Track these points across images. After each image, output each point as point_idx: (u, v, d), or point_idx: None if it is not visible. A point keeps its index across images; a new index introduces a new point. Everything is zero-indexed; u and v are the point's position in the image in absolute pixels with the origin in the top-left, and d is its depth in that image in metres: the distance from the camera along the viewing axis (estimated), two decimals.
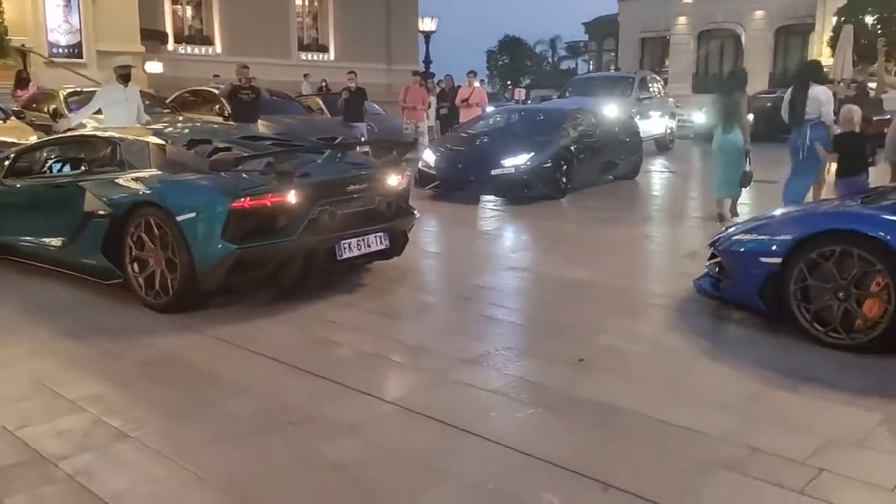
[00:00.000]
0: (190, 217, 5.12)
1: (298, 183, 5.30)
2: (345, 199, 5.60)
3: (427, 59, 30.19)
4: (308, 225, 5.32)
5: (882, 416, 3.70)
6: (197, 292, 5.28)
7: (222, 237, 5.08)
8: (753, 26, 34.83)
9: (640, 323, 5.23)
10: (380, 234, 5.79)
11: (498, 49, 70.82)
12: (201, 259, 5.12)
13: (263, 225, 5.22)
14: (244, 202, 5.10)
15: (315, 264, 5.49)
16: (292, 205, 5.23)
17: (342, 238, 5.53)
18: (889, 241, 4.38)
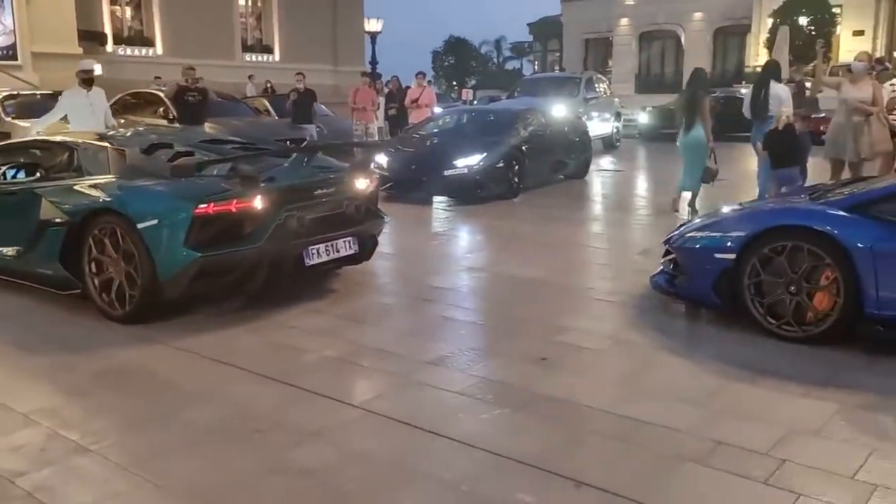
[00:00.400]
0: (151, 224, 4.95)
1: (264, 188, 5.17)
2: (312, 204, 5.46)
3: (373, 60, 30.09)
4: (274, 231, 5.18)
5: (837, 406, 3.81)
6: (159, 302, 5.12)
7: (185, 245, 4.92)
8: (693, 27, 35.60)
9: (598, 320, 5.29)
10: (349, 239, 5.68)
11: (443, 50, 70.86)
12: (164, 268, 4.96)
13: (228, 231, 5.08)
14: (208, 208, 4.95)
15: (282, 271, 5.36)
16: (258, 210, 5.10)
17: (310, 244, 5.41)
18: (837, 235, 4.52)
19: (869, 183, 5.33)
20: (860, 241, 4.42)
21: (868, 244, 4.39)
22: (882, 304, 4.38)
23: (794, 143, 8.15)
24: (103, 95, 9.38)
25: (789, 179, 8.00)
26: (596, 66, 38.20)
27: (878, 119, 8.45)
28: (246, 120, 14.79)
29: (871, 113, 8.37)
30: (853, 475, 3.15)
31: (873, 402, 3.86)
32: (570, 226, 9.14)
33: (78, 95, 8.99)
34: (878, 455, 3.31)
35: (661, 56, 37.65)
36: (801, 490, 3.03)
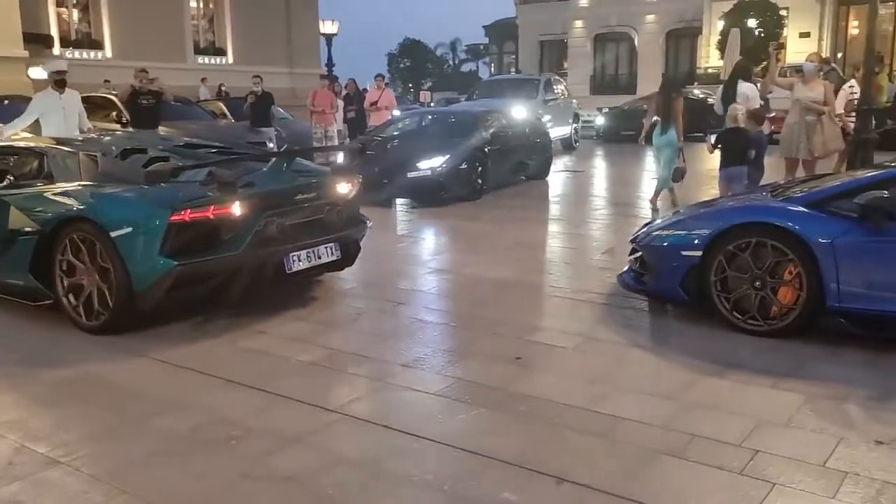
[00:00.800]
0: (125, 232, 4.80)
1: (242, 193, 5.04)
2: (292, 210, 5.34)
3: (329, 63, 29.97)
4: (254, 238, 5.05)
5: (804, 397, 3.91)
6: (134, 312, 4.97)
7: (161, 253, 4.78)
8: (646, 30, 36.12)
9: (569, 319, 5.35)
10: (331, 245, 5.58)
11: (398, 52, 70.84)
12: (138, 277, 4.82)
13: (205, 239, 4.93)
14: (184, 215, 4.80)
15: (263, 279, 5.23)
16: (236, 217, 4.96)
17: (291, 251, 5.28)
18: (799, 230, 4.64)
19: (826, 180, 5.47)
20: (821, 236, 4.54)
21: (829, 239, 4.52)
22: (843, 297, 4.51)
23: (743, 142, 8.34)
24: (77, 98, 9.13)
25: (737, 178, 8.23)
26: (552, 67, 38.51)
27: (830, 118, 8.70)
28: (202, 123, 14.60)
29: (823, 112, 8.60)
30: (824, 463, 3.24)
31: (838, 392, 3.97)
32: (535, 226, 9.21)
33: (50, 98, 8.75)
34: (846, 444, 3.40)
35: (616, 58, 38.12)
36: (775, 479, 3.11)
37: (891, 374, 4.19)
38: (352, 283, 6.40)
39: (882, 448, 3.36)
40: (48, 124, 8.59)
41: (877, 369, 4.25)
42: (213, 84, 24.24)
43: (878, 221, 4.41)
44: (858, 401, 3.86)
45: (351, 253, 5.90)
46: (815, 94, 8.64)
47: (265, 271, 5.20)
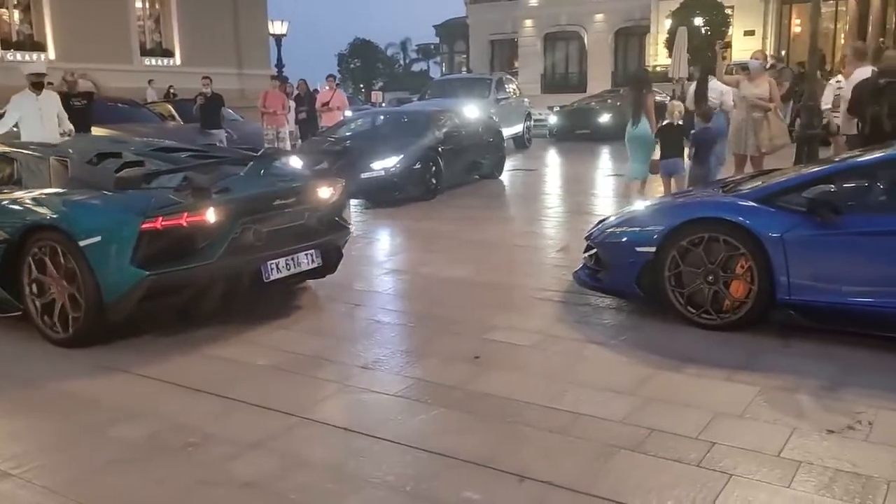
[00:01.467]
0: (94, 241, 4.61)
1: (217, 199, 4.84)
2: (271, 215, 5.16)
3: (279, 63, 29.67)
4: (230, 245, 4.87)
5: (758, 389, 3.99)
6: (104, 324, 4.78)
7: (132, 263, 4.58)
8: (595, 29, 36.52)
9: (526, 317, 5.37)
10: (311, 252, 5.39)
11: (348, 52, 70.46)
12: (109, 288, 4.63)
13: (179, 247, 4.73)
14: (156, 223, 4.59)
15: (240, 288, 5.07)
16: (211, 224, 4.76)
17: (269, 258, 5.09)
18: (749, 225, 4.74)
19: (775, 175, 5.59)
20: (771, 230, 4.65)
21: (778, 233, 4.62)
22: (793, 290, 4.61)
23: (679, 136, 8.78)
24: (56, 99, 8.87)
25: (673, 169, 8.60)
26: (502, 67, 38.70)
27: (776, 114, 8.90)
28: (150, 126, 14.31)
29: (769, 109, 8.80)
30: (779, 453, 3.31)
31: (791, 383, 4.06)
32: (490, 225, 9.24)
33: (27, 100, 8.49)
34: (799, 434, 3.48)
35: (566, 57, 38.46)
36: (732, 470, 3.17)
37: (840, 364, 4.29)
38: (308, 284, 6.34)
39: (833, 437, 3.45)
40: (25, 127, 8.34)
41: (826, 360, 4.36)
42: (161, 86, 23.80)
43: (825, 215, 4.52)
44: (810, 391, 3.96)
45: (332, 260, 5.72)
46: (760, 90, 8.82)
47: (242, 280, 5.03)
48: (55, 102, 8.76)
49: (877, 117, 7.02)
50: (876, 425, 3.55)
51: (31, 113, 8.39)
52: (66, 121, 8.83)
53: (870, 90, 7.29)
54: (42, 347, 4.90)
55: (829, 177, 4.93)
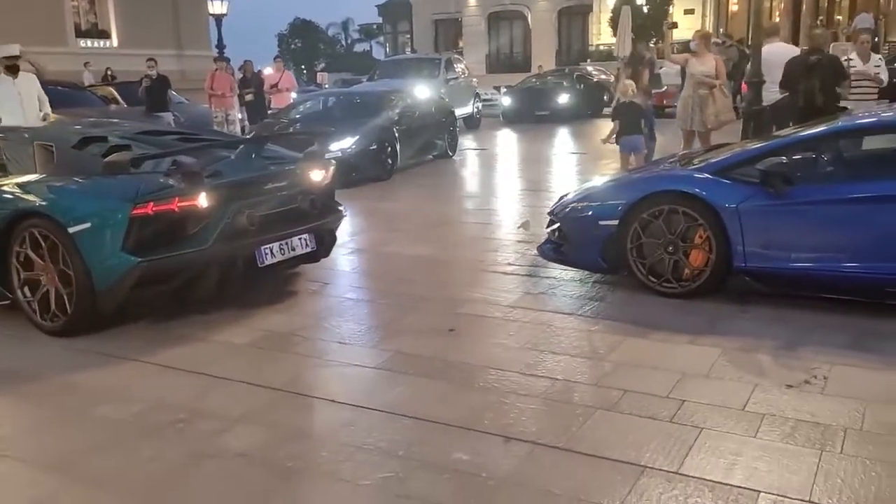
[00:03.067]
0: (84, 228, 4.51)
1: (209, 184, 4.74)
2: (263, 200, 5.08)
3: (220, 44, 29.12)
4: (222, 231, 4.77)
5: (720, 351, 4.22)
6: (96, 312, 4.69)
7: (123, 249, 4.49)
8: (538, 8, 36.81)
9: (494, 290, 5.52)
10: (304, 236, 5.34)
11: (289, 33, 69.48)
12: (100, 275, 4.54)
13: (171, 233, 4.65)
14: (147, 208, 4.49)
15: (234, 274, 4.98)
16: (203, 209, 4.66)
17: (263, 243, 5.02)
18: (706, 196, 4.96)
19: (728, 149, 5.83)
20: (727, 201, 4.87)
21: (734, 204, 4.85)
22: (748, 258, 4.85)
23: (637, 114, 9.12)
24: (35, 82, 8.57)
25: (634, 146, 8.96)
26: (447, 46, 38.75)
27: (721, 91, 9.20)
28: (94, 110, 13.99)
29: (714, 86, 9.09)
30: (743, 407, 3.53)
31: (750, 344, 4.30)
32: (448, 203, 9.37)
33: (3, 84, 8.22)
34: (761, 389, 3.72)
35: (510, 36, 38.69)
36: (702, 424, 3.38)
37: (794, 325, 4.55)
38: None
39: (792, 391, 3.69)
40: (5, 111, 8.09)
41: (782, 322, 4.62)
42: (98, 68, 23.20)
43: (778, 186, 4.76)
44: (768, 351, 4.20)
45: (326, 243, 5.67)
46: (706, 68, 9.10)
47: (236, 266, 4.96)
48: (34, 84, 8.52)
49: (810, 91, 7.48)
50: (830, 379, 3.80)
51: (9, 97, 8.16)
52: (47, 103, 8.63)
53: (802, 67, 7.71)
54: (19, 333, 4.86)
55: (780, 150, 5.18)
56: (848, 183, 4.96)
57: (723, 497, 2.83)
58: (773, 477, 2.95)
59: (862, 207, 4.66)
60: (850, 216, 4.68)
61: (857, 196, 4.69)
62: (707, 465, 3.06)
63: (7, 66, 8.29)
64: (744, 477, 2.96)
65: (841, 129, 5.45)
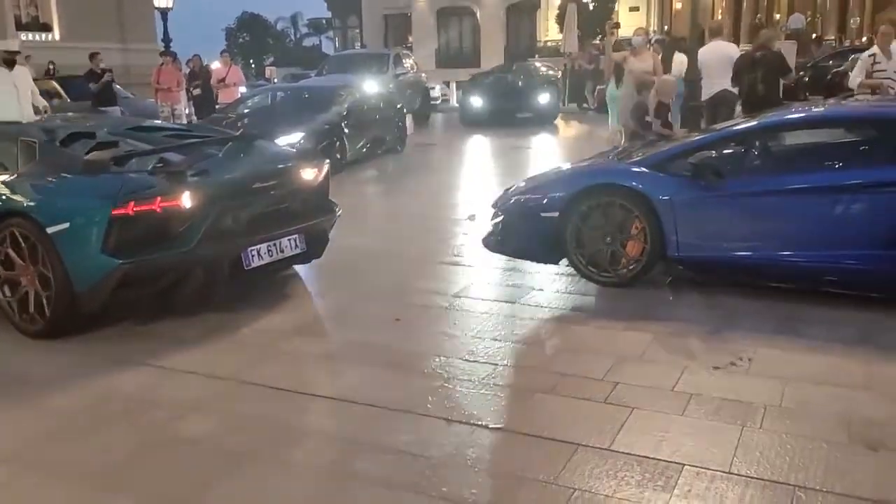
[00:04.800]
0: (62, 228, 4.37)
1: (193, 182, 4.60)
2: (251, 199, 4.91)
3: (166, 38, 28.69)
4: (207, 232, 4.60)
5: (652, 336, 4.44)
6: (76, 316, 4.57)
7: (104, 251, 4.33)
8: (487, 4, 36.95)
9: (440, 281, 5.68)
10: (294, 237, 5.14)
11: (237, 27, 68.50)
12: (79, 277, 4.41)
13: (153, 234, 4.49)
14: (127, 208, 4.33)
15: (219, 276, 4.81)
16: (187, 209, 4.50)
17: (250, 244, 4.85)
18: (642, 189, 5.17)
19: (663, 143, 6.07)
20: (662, 193, 5.09)
21: (668, 196, 5.07)
22: (682, 248, 5.08)
23: None
24: (28, 75, 8.51)
25: None
26: (397, 41, 38.71)
27: None
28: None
29: (652, 82, 9.37)
30: (672, 388, 3.75)
31: (681, 329, 4.53)
32: (397, 197, 9.50)
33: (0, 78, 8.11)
34: (689, 371, 3.94)
35: (459, 32, 38.83)
36: (634, 404, 3.58)
37: (723, 311, 4.80)
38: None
39: (718, 372, 3.92)
40: (1, 104, 7.94)
41: (711, 309, 4.87)
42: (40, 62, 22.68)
43: (709, 179, 5.01)
44: (698, 335, 4.44)
45: (318, 244, 5.48)
46: (645, 65, 9.41)
47: (221, 268, 4.80)
48: (28, 79, 8.48)
49: (752, 83, 7.92)
50: (755, 361, 4.04)
51: (5, 91, 8.08)
52: (38, 95, 8.54)
53: (748, 62, 8.12)
54: None
55: (711, 144, 5.43)
56: (775, 175, 5.23)
57: (650, 470, 3.02)
58: (697, 451, 3.16)
59: (792, 198, 4.91)
60: (780, 207, 4.94)
61: (788, 187, 4.95)
62: (637, 441, 3.25)
63: (4, 60, 8.19)
64: (670, 452, 3.16)
65: (768, 124, 5.72)
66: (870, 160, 5.26)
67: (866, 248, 4.69)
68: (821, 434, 3.26)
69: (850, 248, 4.73)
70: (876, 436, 3.24)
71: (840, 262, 4.76)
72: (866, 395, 3.64)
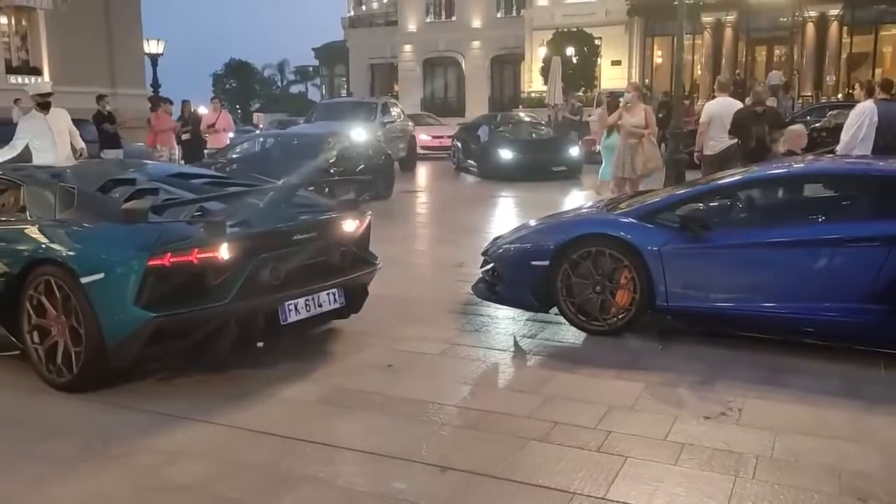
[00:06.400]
0: (97, 279, 4.21)
1: (232, 233, 4.41)
2: (290, 251, 4.70)
3: (155, 83, 28.96)
4: (244, 284, 4.41)
5: (643, 385, 4.48)
6: (107, 370, 4.38)
7: (137, 303, 4.16)
8: (472, 55, 37.70)
9: (432, 328, 5.70)
10: (333, 291, 4.95)
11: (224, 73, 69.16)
12: (112, 330, 4.22)
13: (189, 286, 4.31)
14: (164, 259, 4.17)
15: (254, 331, 4.59)
16: (224, 261, 4.33)
17: (287, 298, 4.65)
18: (631, 240, 5.26)
19: (651, 195, 6.19)
20: (650, 244, 5.18)
21: (657, 247, 5.16)
22: (670, 297, 5.16)
23: None
24: (66, 117, 8.45)
25: None
26: (383, 90, 39.28)
27: (649, 140, 9.72)
28: None
29: (643, 135, 9.60)
30: (665, 438, 3.78)
31: (671, 379, 4.57)
32: (386, 244, 9.42)
33: (36, 121, 8.12)
34: (681, 420, 3.98)
35: (445, 82, 39.47)
36: (627, 453, 3.61)
37: (712, 361, 4.85)
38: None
39: (709, 422, 3.96)
40: (38, 149, 7.98)
41: (700, 358, 4.92)
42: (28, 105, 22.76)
43: (696, 230, 5.11)
44: (688, 385, 4.48)
45: (357, 299, 5.28)
46: (636, 119, 9.64)
47: (256, 323, 4.59)
48: (66, 121, 8.42)
49: (760, 135, 8.38)
50: (744, 411, 4.09)
51: (42, 133, 8.07)
52: (78, 137, 8.52)
53: (752, 116, 8.65)
54: None
55: (698, 196, 5.55)
56: (758, 228, 5.36)
57: None
58: (692, 501, 3.19)
59: (775, 251, 5.03)
60: (764, 259, 5.04)
61: (771, 240, 5.06)
62: (631, 490, 3.27)
63: (39, 103, 8.19)
64: (665, 501, 3.19)
65: (753, 178, 5.86)
66: (850, 215, 5.40)
67: (846, 301, 4.79)
68: (812, 485, 3.30)
69: (831, 301, 4.83)
70: (865, 487, 3.28)
71: (821, 314, 4.87)
72: (855, 446, 3.69)
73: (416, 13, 38.43)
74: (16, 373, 4.73)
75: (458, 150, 19.36)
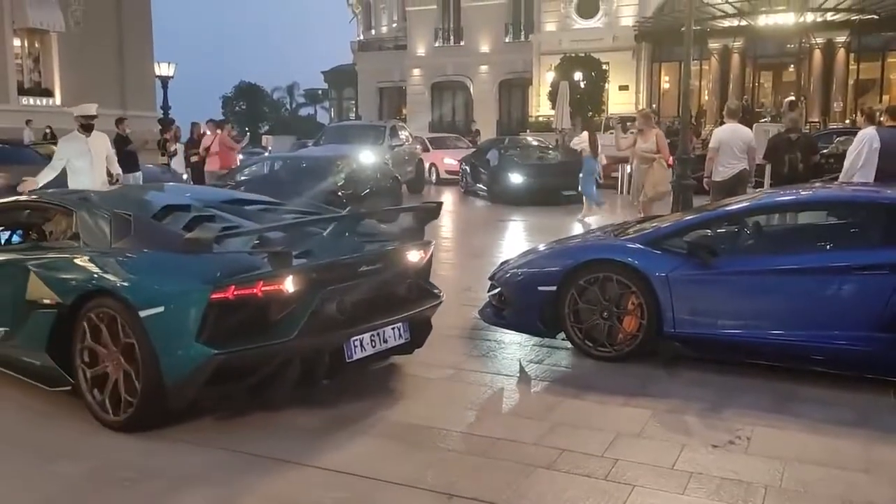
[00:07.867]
0: (157, 312, 3.98)
1: (297, 266, 4.16)
2: (355, 284, 4.45)
3: (165, 105, 29.23)
4: (310, 320, 4.16)
5: (651, 412, 4.45)
6: (164, 409, 4.14)
7: (199, 339, 3.93)
8: (480, 79, 37.93)
9: (439, 353, 5.65)
10: (398, 326, 4.70)
11: (234, 95, 69.69)
12: (171, 367, 3.98)
13: (252, 322, 4.09)
14: (227, 292, 3.93)
15: (318, 369, 4.35)
16: (289, 294, 4.10)
17: (353, 334, 4.41)
18: (638, 265, 5.26)
19: (660, 220, 6.20)
20: (658, 270, 5.18)
21: (664, 273, 5.16)
22: (677, 324, 5.14)
23: None
24: (107, 141, 8.48)
25: None
26: (391, 113, 39.54)
27: (660, 164, 9.78)
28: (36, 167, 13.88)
29: (654, 160, 9.66)
30: (672, 466, 3.75)
31: (678, 406, 4.55)
32: None
33: (77, 142, 8.12)
34: (689, 449, 3.95)
35: (453, 105, 39.69)
36: (634, 482, 3.58)
37: (719, 388, 4.83)
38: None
39: (717, 451, 3.94)
40: (75, 170, 7.97)
41: (708, 385, 4.89)
42: (39, 126, 23.01)
43: (704, 257, 5.10)
44: (695, 413, 4.46)
45: (421, 333, 5.02)
46: (648, 144, 9.75)
47: (321, 360, 4.35)
48: (105, 145, 8.44)
49: (793, 162, 8.57)
50: (753, 440, 4.06)
51: (80, 155, 8.05)
52: (115, 163, 8.55)
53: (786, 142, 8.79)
54: None
55: (706, 223, 5.55)
56: (770, 255, 5.35)
57: None
58: None
59: (783, 278, 5.01)
60: (772, 286, 5.03)
61: (779, 267, 5.05)
62: None
63: (83, 125, 8.25)
64: None
65: (762, 204, 5.86)
66: (858, 242, 5.39)
67: (854, 329, 4.76)
68: None
69: (839, 329, 4.80)
70: None
71: (829, 342, 4.84)
72: (866, 477, 3.66)
73: (425, 38, 38.73)
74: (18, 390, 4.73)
75: (467, 174, 19.20)
